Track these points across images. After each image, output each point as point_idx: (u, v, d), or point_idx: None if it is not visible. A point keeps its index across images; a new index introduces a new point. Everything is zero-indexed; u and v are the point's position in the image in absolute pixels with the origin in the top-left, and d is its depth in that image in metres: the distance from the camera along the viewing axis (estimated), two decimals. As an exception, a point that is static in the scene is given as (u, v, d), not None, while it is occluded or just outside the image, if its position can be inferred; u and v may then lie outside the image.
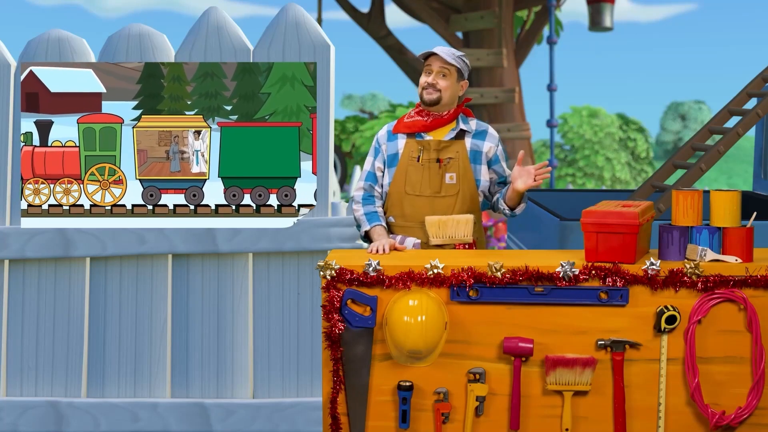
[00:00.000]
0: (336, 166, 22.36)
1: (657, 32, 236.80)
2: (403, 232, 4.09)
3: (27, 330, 4.92)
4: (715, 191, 3.64)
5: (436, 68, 4.05)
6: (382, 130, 4.21)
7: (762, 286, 3.51)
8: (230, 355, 4.90)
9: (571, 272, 3.53)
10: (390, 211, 4.13)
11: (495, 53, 15.16)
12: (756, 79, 6.05)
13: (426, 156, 4.06)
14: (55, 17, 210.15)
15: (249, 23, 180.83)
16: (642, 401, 3.58)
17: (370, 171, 4.17)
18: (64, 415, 4.84)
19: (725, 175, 44.22)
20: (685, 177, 5.52)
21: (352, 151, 23.96)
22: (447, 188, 4.05)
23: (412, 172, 4.07)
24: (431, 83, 4.05)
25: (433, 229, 3.99)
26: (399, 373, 3.61)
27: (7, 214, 4.86)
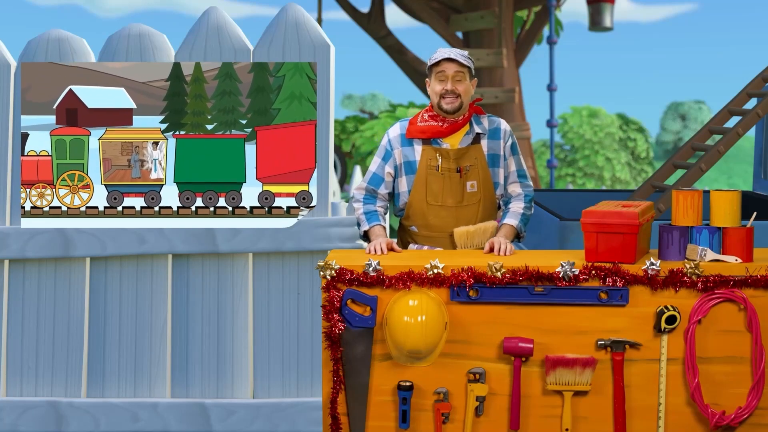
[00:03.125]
0: (336, 166, 22.36)
1: (657, 32, 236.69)
2: (429, 243, 4.04)
3: (27, 330, 4.92)
4: (715, 191, 3.64)
5: (451, 73, 3.93)
6: (393, 130, 4.06)
7: (762, 286, 3.51)
8: (230, 355, 4.90)
9: (571, 272, 3.53)
10: (412, 220, 4.07)
11: (495, 53, 15.16)
12: (756, 79, 6.05)
13: (446, 165, 3.97)
14: (55, 17, 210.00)
15: (249, 23, 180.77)
16: (642, 401, 3.58)
17: (377, 173, 4.07)
18: (64, 415, 4.85)
19: (725, 175, 44.22)
20: (685, 177, 5.52)
21: (352, 151, 23.94)
22: (469, 197, 4.01)
23: (433, 182, 3.99)
24: (450, 90, 3.93)
25: (461, 240, 3.98)
26: (399, 373, 3.61)
27: (7, 214, 4.86)
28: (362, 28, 17.51)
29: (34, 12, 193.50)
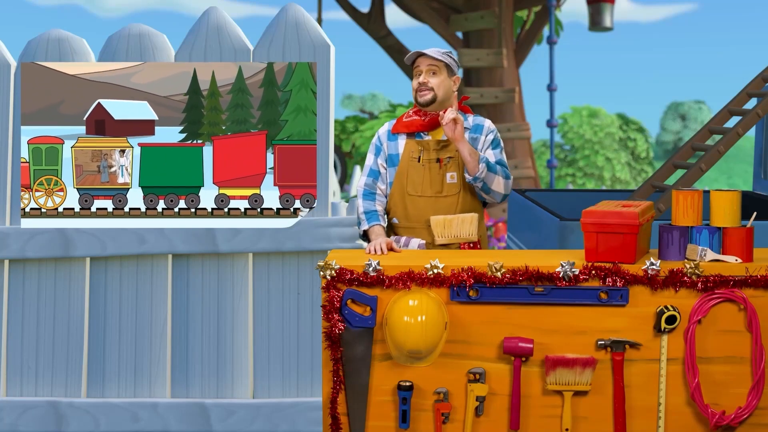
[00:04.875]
0: (336, 166, 22.36)
1: (657, 32, 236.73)
2: (408, 234, 4.09)
3: (27, 330, 4.92)
4: (715, 191, 3.64)
5: (424, 67, 4.06)
6: (383, 127, 4.22)
7: (762, 286, 3.51)
8: (230, 355, 4.90)
9: (571, 272, 3.53)
10: (393, 212, 4.13)
11: (495, 53, 15.16)
12: (756, 79, 6.06)
13: (426, 156, 4.07)
14: (55, 17, 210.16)
15: (249, 23, 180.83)
16: (642, 401, 3.58)
17: (372, 167, 4.18)
18: (64, 415, 4.84)
19: (725, 175, 44.22)
20: (685, 177, 5.52)
21: (352, 151, 23.95)
22: (448, 188, 4.05)
23: (413, 173, 4.07)
24: (422, 82, 4.06)
25: (438, 229, 4.00)
26: (399, 373, 3.61)
27: (7, 214, 4.86)
28: (362, 28, 17.51)
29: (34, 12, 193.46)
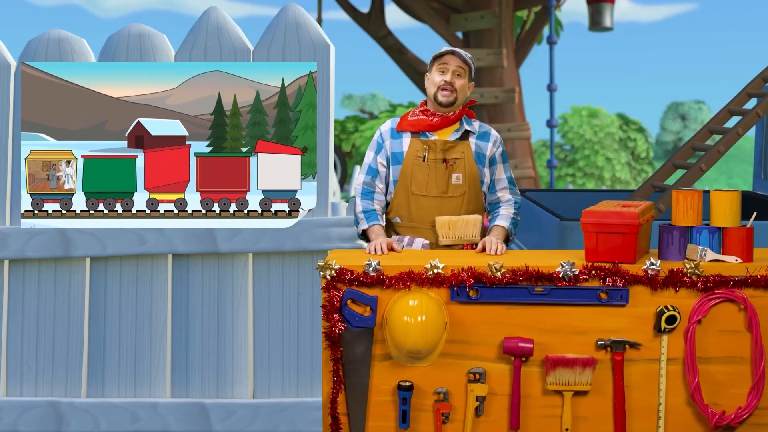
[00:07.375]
0: (336, 166, 22.35)
1: (657, 32, 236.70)
2: (411, 233, 4.07)
3: (27, 330, 4.92)
4: (715, 191, 3.64)
5: (453, 67, 4.02)
6: (385, 124, 4.16)
7: (762, 286, 3.51)
8: (230, 355, 4.90)
9: (571, 272, 3.53)
10: (396, 211, 4.11)
11: (495, 53, 15.16)
12: (756, 79, 6.06)
13: (432, 156, 4.03)
14: (55, 17, 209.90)
15: (249, 23, 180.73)
16: (642, 401, 3.58)
17: (371, 165, 4.14)
18: (64, 415, 4.84)
19: (725, 175, 44.22)
20: (685, 177, 5.52)
21: (352, 151, 23.95)
22: (454, 189, 4.04)
23: (418, 172, 4.04)
24: (449, 82, 4.01)
25: (443, 230, 3.98)
26: (399, 373, 3.61)
27: (7, 214, 4.86)
28: (362, 28, 17.51)
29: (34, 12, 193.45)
